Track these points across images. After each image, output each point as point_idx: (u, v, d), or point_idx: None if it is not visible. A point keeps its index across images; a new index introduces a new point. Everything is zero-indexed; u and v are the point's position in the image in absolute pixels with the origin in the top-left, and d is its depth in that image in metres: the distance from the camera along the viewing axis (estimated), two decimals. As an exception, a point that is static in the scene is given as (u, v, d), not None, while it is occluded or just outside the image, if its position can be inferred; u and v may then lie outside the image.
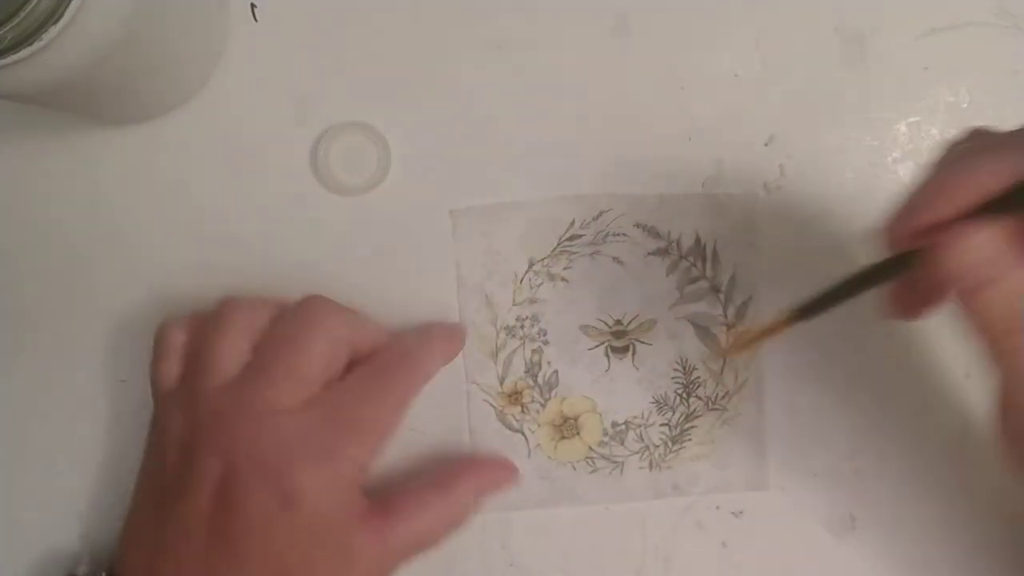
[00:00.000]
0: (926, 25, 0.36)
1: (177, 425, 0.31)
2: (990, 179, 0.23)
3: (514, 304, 0.36)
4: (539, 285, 0.36)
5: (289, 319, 0.32)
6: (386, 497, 0.32)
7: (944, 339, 0.36)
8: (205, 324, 0.32)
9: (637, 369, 0.36)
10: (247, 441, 0.29)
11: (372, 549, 0.30)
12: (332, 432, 0.30)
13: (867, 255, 0.36)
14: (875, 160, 0.36)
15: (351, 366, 0.32)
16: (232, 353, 0.31)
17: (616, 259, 0.36)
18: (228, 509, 0.29)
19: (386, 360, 0.32)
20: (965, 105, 0.36)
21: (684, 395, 0.36)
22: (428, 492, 0.33)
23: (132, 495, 0.33)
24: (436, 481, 0.33)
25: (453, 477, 0.33)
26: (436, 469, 0.34)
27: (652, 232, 0.36)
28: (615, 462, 0.36)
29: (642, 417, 0.36)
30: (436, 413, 0.36)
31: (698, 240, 0.36)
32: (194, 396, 0.31)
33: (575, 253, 0.36)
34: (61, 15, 0.24)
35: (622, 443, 0.36)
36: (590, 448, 0.36)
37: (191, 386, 0.31)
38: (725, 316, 0.36)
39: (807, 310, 0.30)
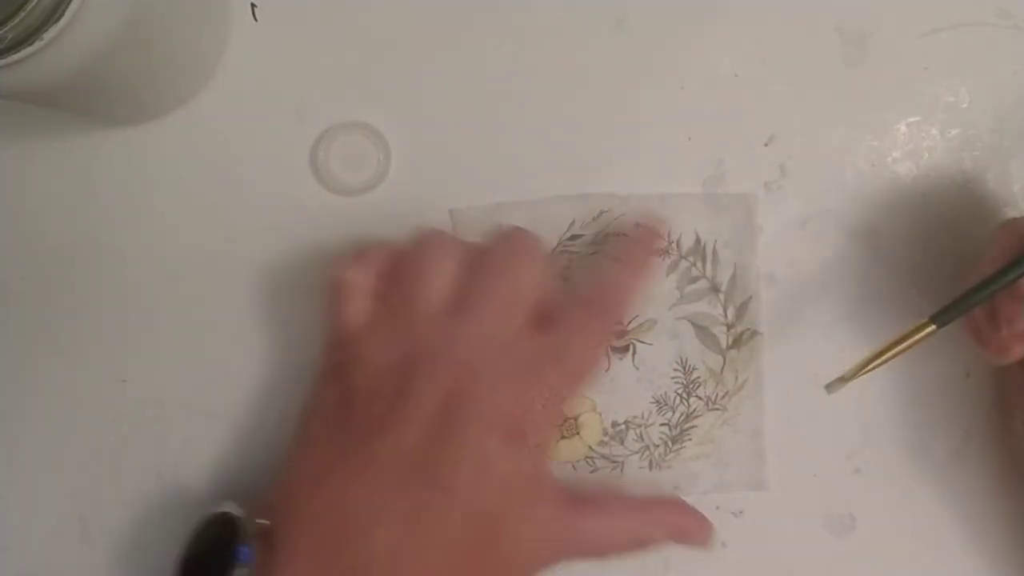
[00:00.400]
0: (926, 25, 0.36)
1: (380, 358, 0.30)
2: None
3: (514, 304, 0.36)
4: (539, 285, 0.36)
5: (501, 248, 0.32)
6: (583, 492, 0.32)
7: (944, 339, 0.36)
8: (403, 257, 0.32)
9: (637, 369, 0.36)
10: (473, 370, 0.29)
11: (558, 525, 0.30)
12: (547, 366, 0.30)
13: (866, 254, 0.36)
14: (875, 160, 0.36)
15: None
16: (445, 281, 0.31)
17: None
18: (446, 438, 0.28)
19: (597, 295, 0.32)
20: (965, 105, 0.36)
21: (684, 395, 0.36)
22: (626, 504, 0.33)
23: (299, 440, 0.32)
24: (637, 500, 0.34)
25: (656, 503, 0.34)
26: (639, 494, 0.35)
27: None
28: (615, 462, 0.36)
29: (642, 417, 0.36)
30: (436, 413, 0.36)
31: (698, 240, 0.36)
32: (404, 327, 0.30)
33: (575, 253, 0.36)
34: (61, 15, 0.24)
35: (622, 443, 0.36)
36: (590, 448, 0.36)
37: (397, 318, 0.30)
38: (725, 316, 0.36)
39: (944, 317, 0.28)
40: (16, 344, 0.36)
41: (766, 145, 0.36)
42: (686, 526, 0.33)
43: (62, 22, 0.24)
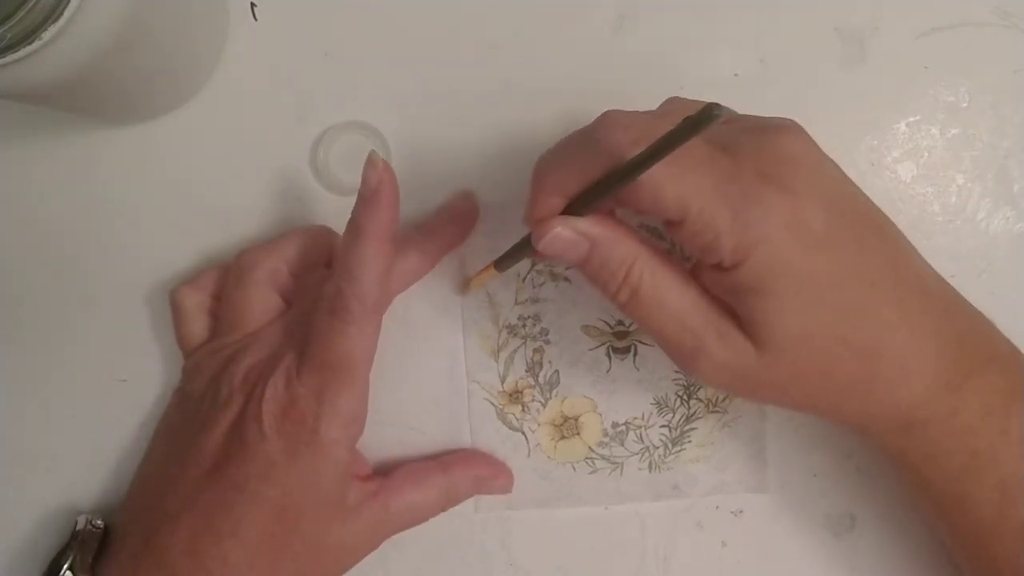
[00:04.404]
0: (926, 25, 0.36)
1: (207, 368, 0.33)
2: (573, 185, 0.28)
3: (516, 303, 0.36)
4: (541, 284, 0.36)
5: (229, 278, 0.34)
6: (389, 469, 0.34)
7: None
8: (227, 277, 0.34)
9: (638, 370, 0.36)
10: (262, 372, 0.31)
11: (371, 511, 0.32)
12: (287, 347, 0.31)
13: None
14: (875, 160, 0.36)
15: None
16: (257, 295, 0.33)
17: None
18: (239, 439, 0.30)
19: (336, 264, 0.31)
20: (965, 105, 0.36)
21: (685, 397, 0.36)
22: (428, 468, 0.34)
23: (149, 443, 0.35)
24: (437, 461, 0.35)
25: (456, 461, 0.35)
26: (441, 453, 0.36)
27: (654, 232, 0.36)
28: (615, 463, 0.36)
29: (642, 418, 0.36)
30: (436, 412, 0.36)
31: (698, 240, 0.36)
32: (227, 341, 0.33)
33: (575, 253, 0.36)
34: (60, 14, 0.24)
35: (622, 444, 0.36)
36: (590, 448, 0.36)
37: (221, 333, 0.33)
38: (725, 316, 0.36)
39: (501, 263, 0.33)
40: (16, 343, 0.36)
41: (766, 145, 0.36)
42: (488, 477, 0.35)
43: (62, 22, 0.24)
